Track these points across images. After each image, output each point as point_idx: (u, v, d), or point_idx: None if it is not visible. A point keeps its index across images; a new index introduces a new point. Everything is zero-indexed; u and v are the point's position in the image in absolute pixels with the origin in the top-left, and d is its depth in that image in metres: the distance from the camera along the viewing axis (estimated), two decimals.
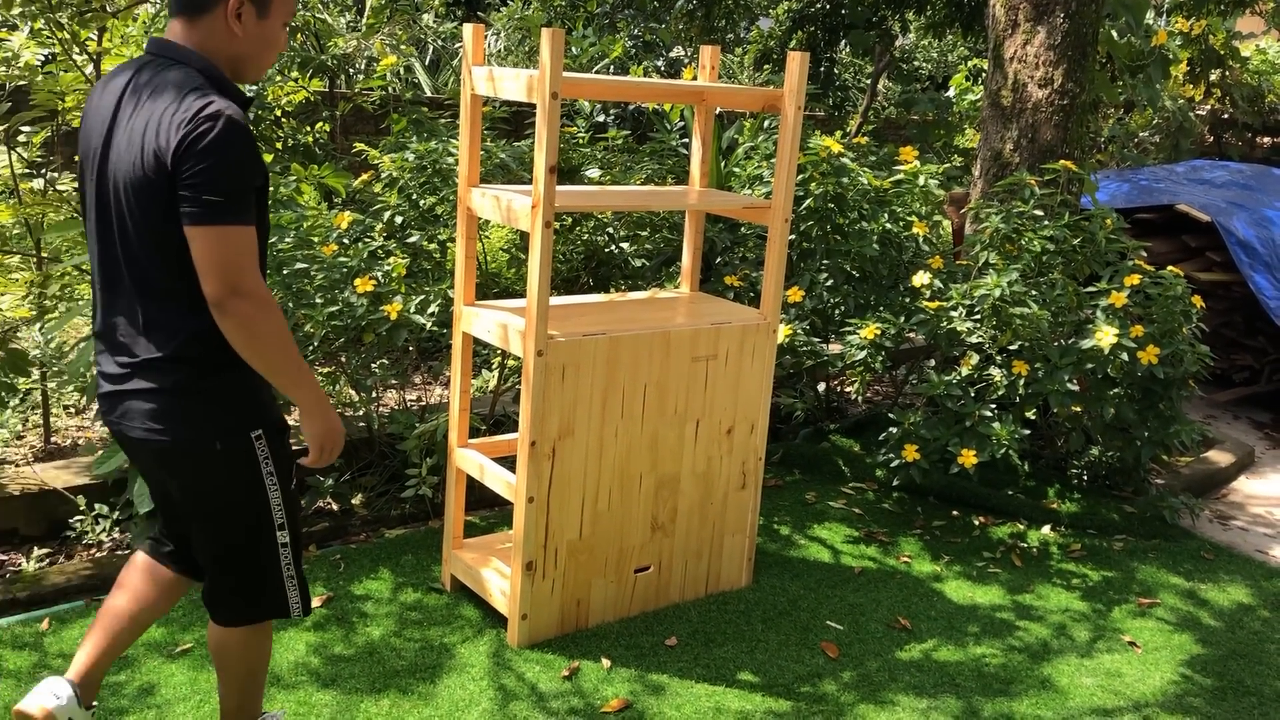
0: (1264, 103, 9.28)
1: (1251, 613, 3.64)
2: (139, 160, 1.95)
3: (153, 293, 2.04)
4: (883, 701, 2.95)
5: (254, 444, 2.13)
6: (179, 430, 2.08)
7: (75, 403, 4.42)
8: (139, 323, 2.06)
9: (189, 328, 2.04)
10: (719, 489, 3.34)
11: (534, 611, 3.05)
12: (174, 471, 2.15)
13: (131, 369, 2.08)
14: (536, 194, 2.79)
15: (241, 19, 2.03)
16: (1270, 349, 6.00)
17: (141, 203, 1.97)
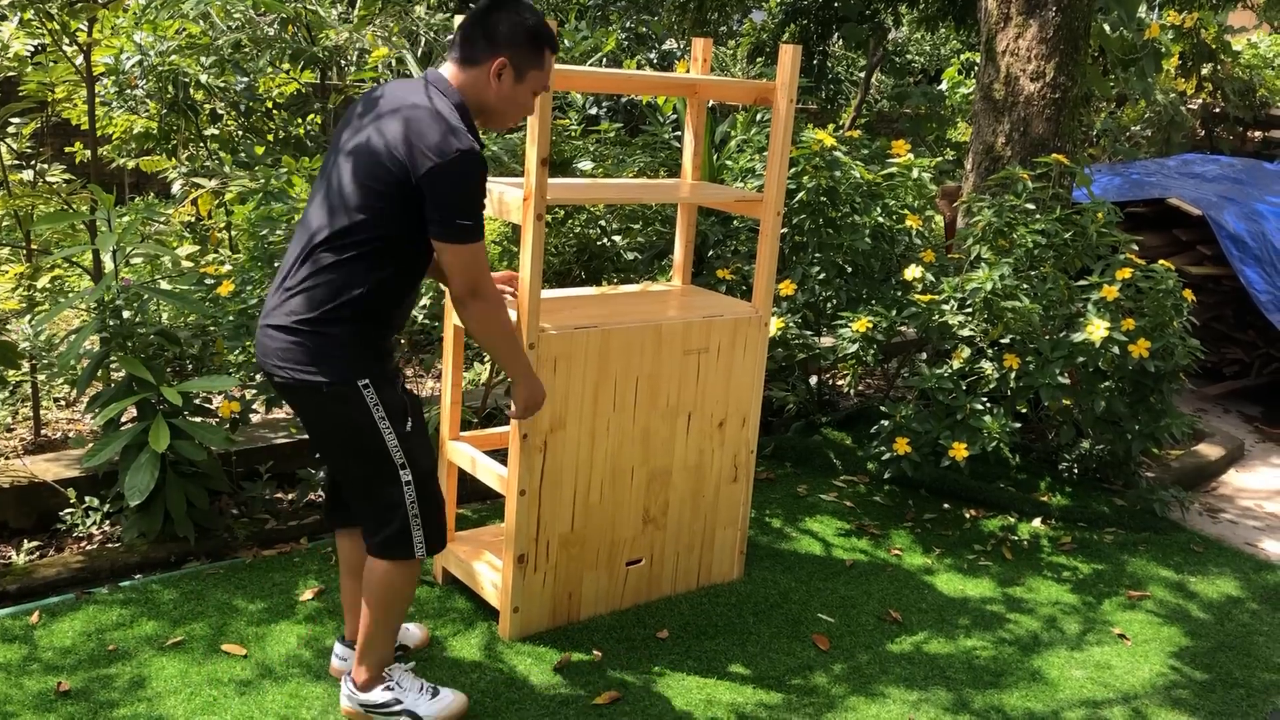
0: (1255, 97, 9.29)
1: (1240, 605, 3.66)
2: (383, 147, 2.32)
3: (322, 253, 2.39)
4: (873, 694, 2.96)
5: (361, 391, 2.41)
6: (292, 369, 2.41)
7: (65, 395, 4.41)
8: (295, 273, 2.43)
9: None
10: (710, 482, 3.34)
11: (525, 604, 3.05)
12: (291, 405, 2.54)
13: (270, 310, 2.48)
14: (528, 186, 2.79)
15: (500, 78, 2.43)
16: (1260, 343, 6.02)
17: (361, 177, 2.34)
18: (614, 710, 2.79)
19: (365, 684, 2.62)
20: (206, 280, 3.76)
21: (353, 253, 2.37)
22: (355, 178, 2.37)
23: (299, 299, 2.40)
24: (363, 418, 2.43)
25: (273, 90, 5.20)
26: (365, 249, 2.38)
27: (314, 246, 2.40)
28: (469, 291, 2.44)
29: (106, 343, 3.42)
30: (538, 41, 2.44)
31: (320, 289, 2.39)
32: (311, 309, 2.39)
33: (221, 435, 3.35)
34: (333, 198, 2.40)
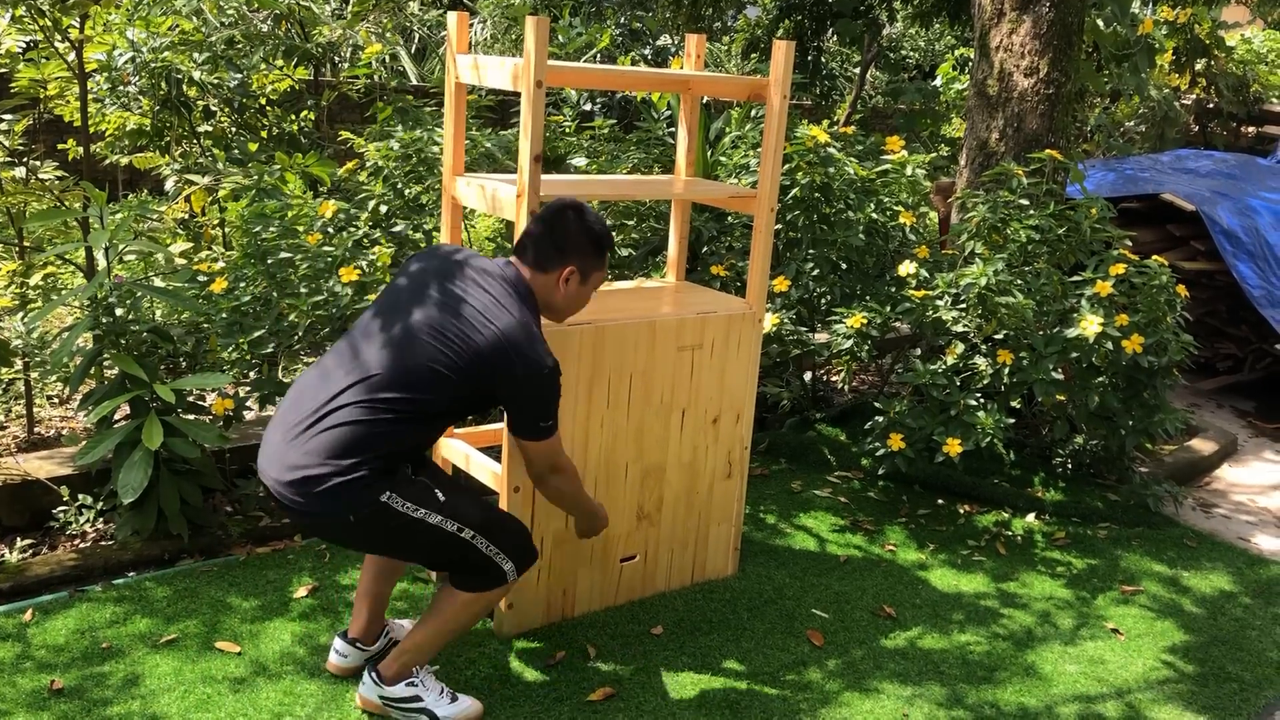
0: (1249, 92, 9.31)
1: (1233, 600, 3.67)
2: (463, 340, 2.49)
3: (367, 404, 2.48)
4: (867, 689, 2.96)
5: (385, 505, 2.46)
6: (314, 507, 2.46)
7: (59, 393, 4.40)
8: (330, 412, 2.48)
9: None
10: (705, 478, 3.34)
11: (519, 601, 3.05)
12: (325, 537, 2.73)
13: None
14: (521, 183, 2.79)
15: (568, 283, 2.65)
16: (1253, 337, 6.03)
17: (440, 363, 2.48)
18: (608, 706, 2.79)
19: (392, 677, 2.64)
20: (200, 277, 3.76)
21: (395, 414, 2.47)
22: (432, 360, 2.48)
23: (324, 439, 2.44)
24: (397, 520, 2.49)
25: (266, 87, 5.19)
26: (412, 413, 2.49)
27: (358, 403, 2.46)
28: (548, 470, 2.69)
29: (99, 340, 3.41)
30: (600, 247, 2.69)
31: (350, 436, 2.44)
32: (336, 454, 2.43)
33: (215, 433, 3.35)
34: (397, 364, 2.48)
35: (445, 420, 2.61)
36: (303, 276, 3.63)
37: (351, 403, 2.45)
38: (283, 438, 2.50)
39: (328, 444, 2.43)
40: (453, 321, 2.50)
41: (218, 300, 3.62)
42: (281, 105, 5.30)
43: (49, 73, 4.28)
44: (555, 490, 2.76)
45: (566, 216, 2.65)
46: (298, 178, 4.41)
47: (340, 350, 2.59)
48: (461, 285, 2.57)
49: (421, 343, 2.49)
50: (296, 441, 2.46)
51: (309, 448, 2.44)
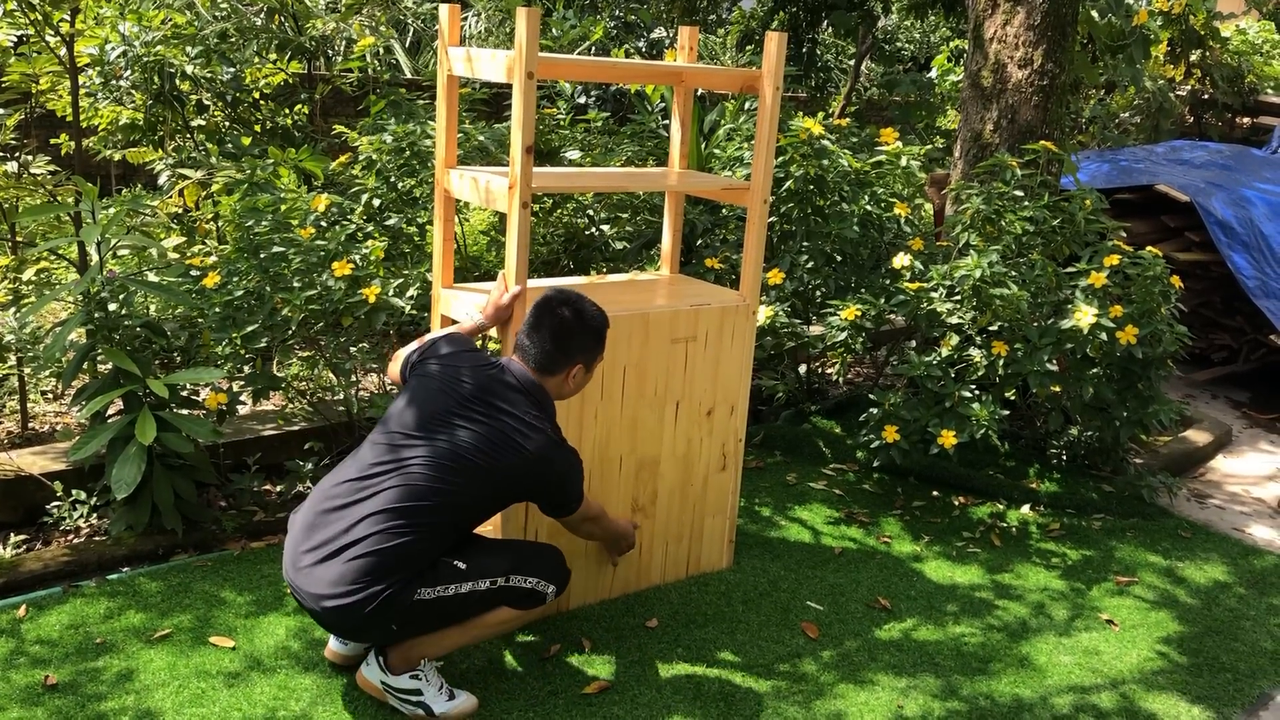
0: (1244, 83, 9.29)
1: (1228, 590, 3.67)
2: (503, 454, 2.60)
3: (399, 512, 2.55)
4: (862, 681, 2.96)
5: (423, 599, 2.53)
6: (358, 626, 2.56)
7: (52, 388, 4.39)
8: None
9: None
10: (699, 471, 3.34)
11: None
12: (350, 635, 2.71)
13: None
14: (514, 175, 2.78)
15: (575, 377, 2.77)
16: (1248, 328, 6.03)
17: (477, 470, 2.58)
18: (603, 700, 2.79)
19: (398, 665, 2.66)
20: (192, 272, 3.75)
21: (423, 533, 2.54)
22: (465, 481, 2.57)
23: (355, 566, 2.48)
24: (432, 607, 2.56)
25: (259, 81, 5.17)
26: (440, 528, 2.58)
27: (389, 529, 2.51)
28: (580, 522, 2.88)
29: (92, 335, 3.40)
30: (601, 338, 2.80)
31: (380, 562, 2.49)
32: (369, 580, 2.48)
33: (208, 427, 3.34)
34: (432, 483, 2.56)
35: (473, 524, 2.71)
36: (296, 271, 3.62)
37: (379, 530, 2.50)
38: (312, 564, 2.53)
39: (357, 574, 2.47)
40: (488, 446, 2.59)
41: (211, 295, 3.61)
42: (275, 99, 5.29)
43: (40, 67, 4.27)
44: (588, 533, 2.97)
45: (564, 318, 2.72)
46: (291, 172, 4.39)
47: (369, 462, 2.61)
48: (491, 403, 2.64)
49: (456, 468, 2.57)
50: (328, 569, 2.50)
51: (338, 576, 2.48)
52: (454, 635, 2.67)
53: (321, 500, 2.61)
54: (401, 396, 2.74)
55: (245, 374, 3.65)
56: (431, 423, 2.63)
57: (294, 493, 3.72)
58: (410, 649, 2.65)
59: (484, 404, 2.64)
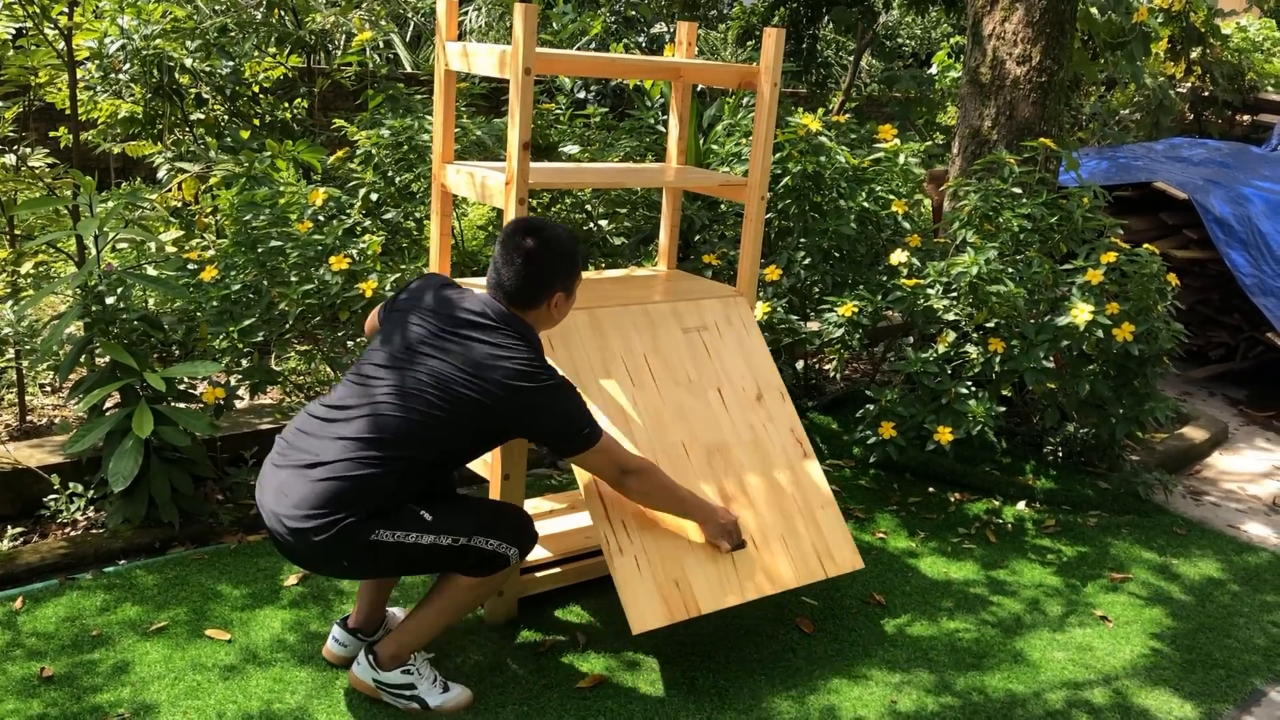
0: (1244, 81, 9.28)
1: (1221, 587, 3.68)
2: (475, 381, 2.49)
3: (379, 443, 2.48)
4: (856, 676, 2.97)
5: (374, 539, 2.45)
6: (309, 553, 2.48)
7: (50, 381, 4.40)
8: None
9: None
10: (778, 458, 3.10)
11: (510, 588, 3.06)
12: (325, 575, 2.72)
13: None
14: (510, 170, 2.78)
15: (558, 306, 2.67)
16: (1245, 326, 6.04)
17: (449, 400, 2.49)
18: (597, 693, 2.80)
19: (388, 661, 2.65)
20: (190, 266, 3.75)
21: (393, 469, 2.47)
22: (435, 416, 2.49)
23: (318, 490, 2.43)
24: (390, 550, 2.48)
25: (259, 75, 5.18)
26: (411, 469, 2.50)
27: (355, 458, 2.45)
28: (619, 474, 2.67)
29: (90, 328, 3.41)
30: (575, 261, 2.67)
31: (342, 490, 2.43)
32: (328, 506, 2.43)
33: (205, 421, 3.35)
34: (400, 419, 2.48)
35: (449, 466, 2.66)
36: (293, 265, 3.63)
37: (346, 459, 2.45)
38: (279, 485, 2.50)
39: (318, 498, 2.42)
40: (460, 380, 2.50)
41: (208, 289, 3.62)
42: (274, 93, 5.29)
43: (39, 60, 4.27)
44: (640, 492, 2.74)
45: (532, 249, 2.59)
46: (289, 165, 4.40)
47: (346, 397, 2.57)
48: (465, 338, 2.54)
49: (432, 403, 2.49)
50: (291, 490, 2.46)
51: (300, 499, 2.44)
52: (427, 617, 2.65)
53: (293, 431, 2.58)
54: (375, 338, 2.68)
55: (242, 368, 3.65)
56: (403, 355, 2.55)
57: None
58: (395, 642, 2.65)
59: (457, 336, 2.54)
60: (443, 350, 2.53)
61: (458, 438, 2.55)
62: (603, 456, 2.64)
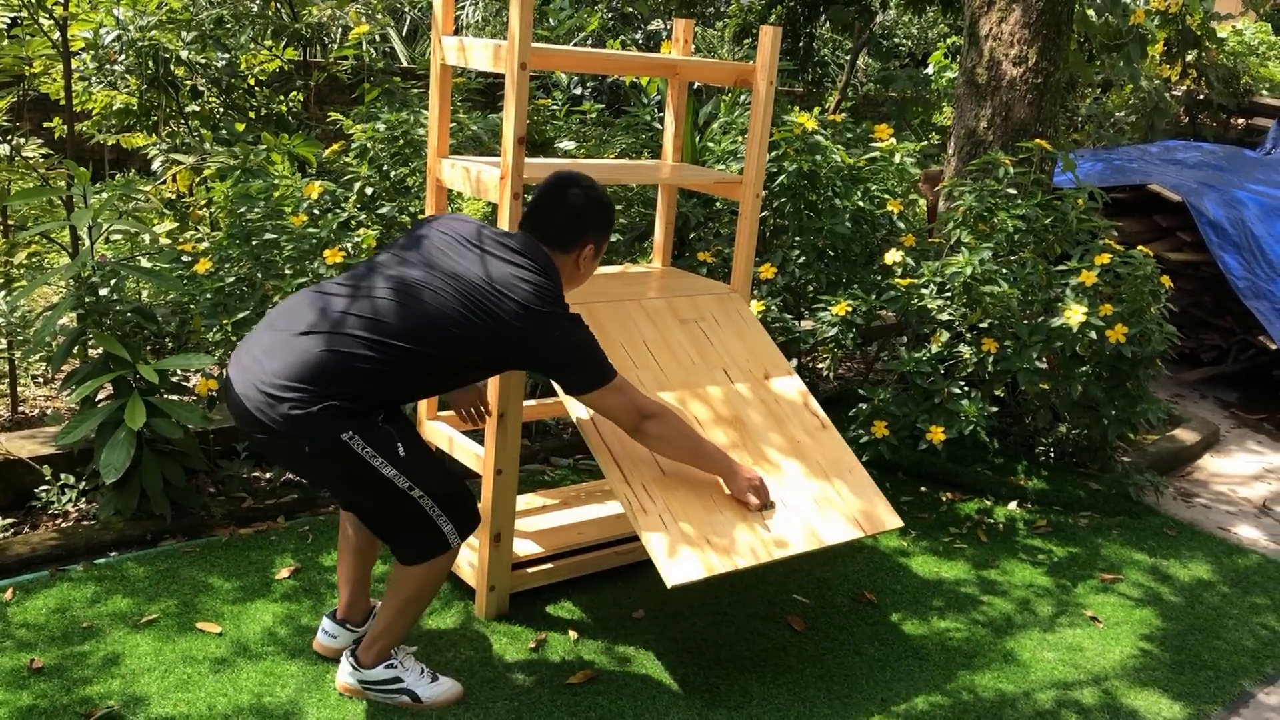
0: (1239, 84, 9.31)
1: (1211, 588, 3.69)
2: (494, 295, 2.42)
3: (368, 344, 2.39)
4: (847, 674, 2.98)
5: (346, 443, 2.36)
6: (274, 424, 2.36)
7: (42, 373, 4.38)
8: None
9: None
10: (797, 428, 3.03)
11: (501, 583, 3.06)
12: (279, 462, 2.58)
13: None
14: (505, 165, 2.78)
15: (585, 259, 2.66)
16: (1238, 329, 6.06)
17: (464, 305, 2.41)
18: (588, 690, 2.80)
19: (370, 662, 2.64)
20: (184, 258, 3.75)
21: (385, 359, 2.38)
22: (445, 318, 2.41)
23: (301, 361, 2.34)
24: (352, 463, 2.39)
25: (255, 67, 5.16)
26: (404, 362, 2.40)
27: (349, 335, 2.36)
28: (638, 418, 2.60)
29: (83, 320, 3.40)
30: (611, 218, 2.70)
31: (328, 366, 2.34)
32: (307, 380, 2.33)
33: (198, 413, 3.34)
34: (405, 312, 2.39)
35: (438, 378, 2.53)
36: (287, 258, 3.63)
37: (341, 333, 2.36)
38: (263, 350, 2.40)
39: (302, 367, 2.33)
40: (477, 286, 2.42)
41: (202, 281, 3.61)
42: (270, 86, 5.27)
43: (33, 50, 4.26)
44: (660, 438, 2.63)
45: (575, 195, 2.61)
46: (284, 158, 4.39)
47: (350, 280, 2.49)
48: (487, 252, 2.49)
49: (440, 299, 2.40)
50: (274, 356, 2.37)
51: (283, 365, 2.34)
52: (385, 614, 2.60)
53: (290, 303, 2.50)
54: (391, 244, 2.62)
55: None
56: (422, 255, 2.48)
57: (283, 480, 3.72)
58: (371, 642, 2.63)
59: (481, 249, 2.48)
60: (465, 258, 2.47)
61: (461, 348, 2.44)
62: (619, 396, 2.56)
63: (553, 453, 4.29)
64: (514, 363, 2.57)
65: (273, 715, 2.60)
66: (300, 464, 2.50)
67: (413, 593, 2.59)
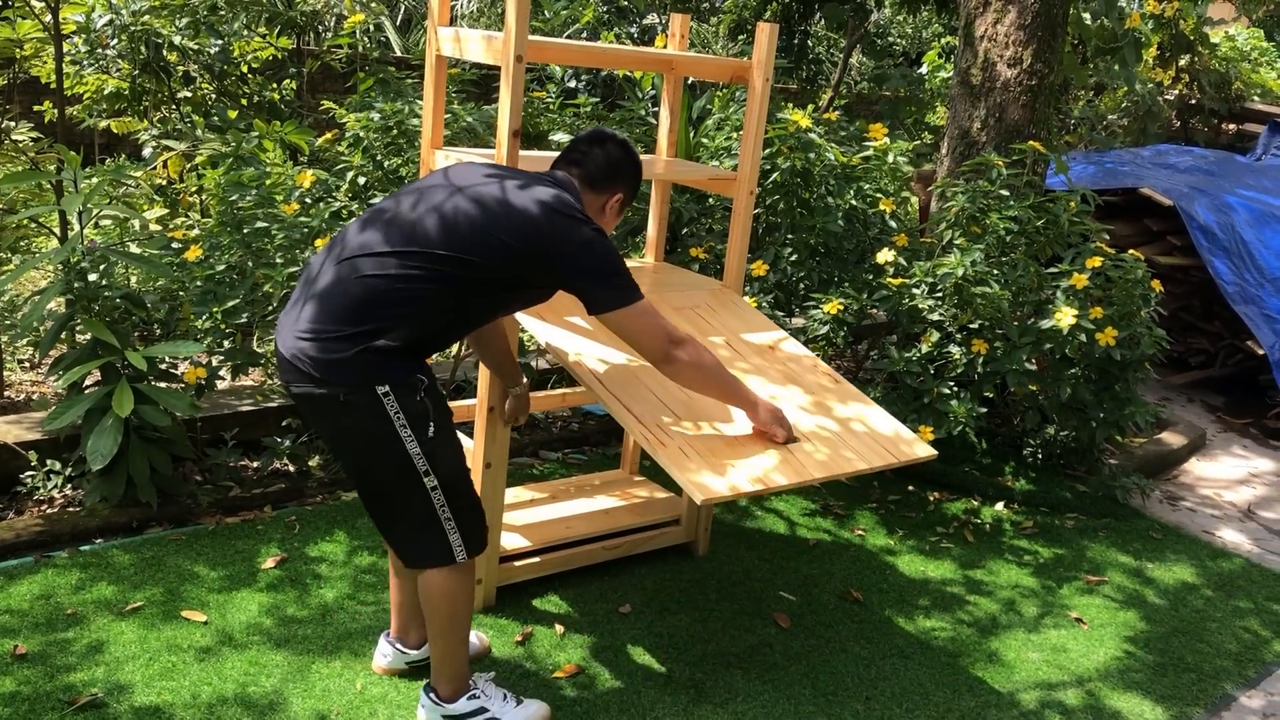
0: (1231, 89, 9.35)
1: (1195, 592, 3.71)
2: (520, 202, 2.32)
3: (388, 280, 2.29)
4: (832, 672, 2.98)
5: (381, 399, 2.27)
6: (311, 368, 2.28)
7: (29, 357, 4.36)
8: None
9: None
10: (810, 384, 2.95)
11: (488, 576, 3.06)
12: (308, 415, 2.43)
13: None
14: (500, 157, 2.77)
15: (611, 209, 2.59)
16: (1226, 333, 6.08)
17: (493, 214, 2.31)
18: (574, 683, 2.80)
19: (450, 696, 2.53)
20: (174, 245, 3.73)
21: (431, 274, 2.28)
22: (478, 223, 2.30)
23: (341, 297, 2.27)
24: (380, 426, 2.30)
25: (248, 54, 5.14)
26: (451, 276, 2.29)
27: (390, 253, 2.28)
28: (667, 343, 2.43)
29: (71, 305, 3.38)
30: (639, 179, 2.64)
31: (371, 294, 2.26)
32: (349, 317, 2.26)
33: (186, 401, 3.33)
34: (442, 222, 2.30)
35: (480, 303, 2.39)
36: (279, 246, 3.61)
37: (373, 254, 2.27)
38: (298, 307, 2.32)
39: (343, 303, 2.25)
40: (499, 199, 2.33)
41: (192, 268, 3.59)
42: (263, 73, 5.25)
43: (24, 33, 4.23)
44: (692, 364, 2.46)
45: (614, 146, 2.58)
46: (276, 146, 4.37)
47: (368, 215, 2.40)
48: (507, 176, 2.42)
49: (465, 206, 2.31)
50: (310, 303, 2.29)
51: (320, 308, 2.26)
52: (436, 639, 2.49)
53: (319, 259, 2.40)
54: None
55: (225, 349, 3.63)
56: (442, 184, 2.39)
57: (270, 469, 3.71)
58: (439, 676, 2.52)
59: (503, 175, 2.41)
60: (486, 182, 2.38)
61: (490, 254, 2.29)
62: (649, 319, 2.41)
63: (541, 446, 4.29)
64: (539, 277, 2.39)
65: (256, 705, 2.59)
66: (328, 420, 2.35)
67: (444, 616, 2.47)
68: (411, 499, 2.38)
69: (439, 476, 2.37)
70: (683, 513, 3.51)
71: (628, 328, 2.41)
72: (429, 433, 2.34)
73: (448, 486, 2.40)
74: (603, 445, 4.41)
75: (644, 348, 2.44)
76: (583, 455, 4.30)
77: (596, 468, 4.13)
